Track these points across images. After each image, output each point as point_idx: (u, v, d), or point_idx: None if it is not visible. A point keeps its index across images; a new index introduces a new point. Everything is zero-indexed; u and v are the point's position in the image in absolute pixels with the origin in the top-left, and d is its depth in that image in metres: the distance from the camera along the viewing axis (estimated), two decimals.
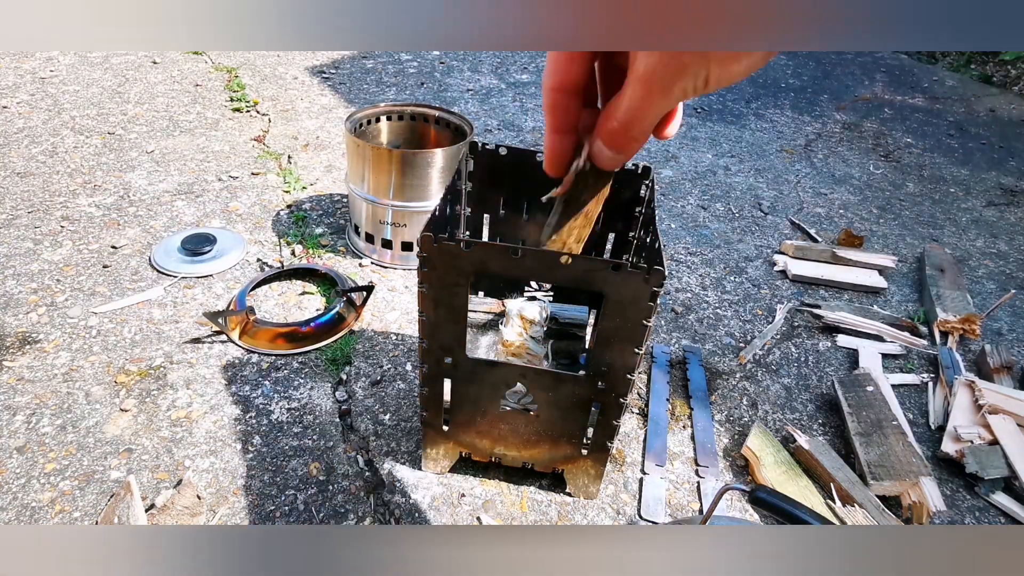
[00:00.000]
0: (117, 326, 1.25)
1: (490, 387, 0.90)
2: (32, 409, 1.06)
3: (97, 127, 1.99)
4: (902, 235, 1.88)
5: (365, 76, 2.59)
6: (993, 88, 3.24)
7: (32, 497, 0.93)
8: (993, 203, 2.13)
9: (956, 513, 1.05)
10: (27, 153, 1.81)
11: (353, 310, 1.34)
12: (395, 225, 1.47)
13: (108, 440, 1.03)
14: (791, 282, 1.61)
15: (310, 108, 2.27)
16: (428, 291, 0.80)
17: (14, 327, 1.22)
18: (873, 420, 1.13)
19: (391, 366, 1.23)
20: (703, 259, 1.67)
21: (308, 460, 1.03)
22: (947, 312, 1.47)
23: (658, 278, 0.73)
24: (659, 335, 1.39)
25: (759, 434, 1.11)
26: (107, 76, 2.34)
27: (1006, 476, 1.08)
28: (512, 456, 0.98)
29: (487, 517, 0.97)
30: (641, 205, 1.07)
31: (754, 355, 1.35)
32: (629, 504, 1.01)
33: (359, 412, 1.12)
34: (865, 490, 1.02)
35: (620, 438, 1.12)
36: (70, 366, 1.15)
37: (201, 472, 0.99)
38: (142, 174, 1.77)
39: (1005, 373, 1.32)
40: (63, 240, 1.47)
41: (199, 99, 2.25)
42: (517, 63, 2.88)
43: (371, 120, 1.57)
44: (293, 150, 1.99)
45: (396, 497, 0.98)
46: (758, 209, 1.93)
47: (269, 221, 1.63)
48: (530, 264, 0.75)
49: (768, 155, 2.28)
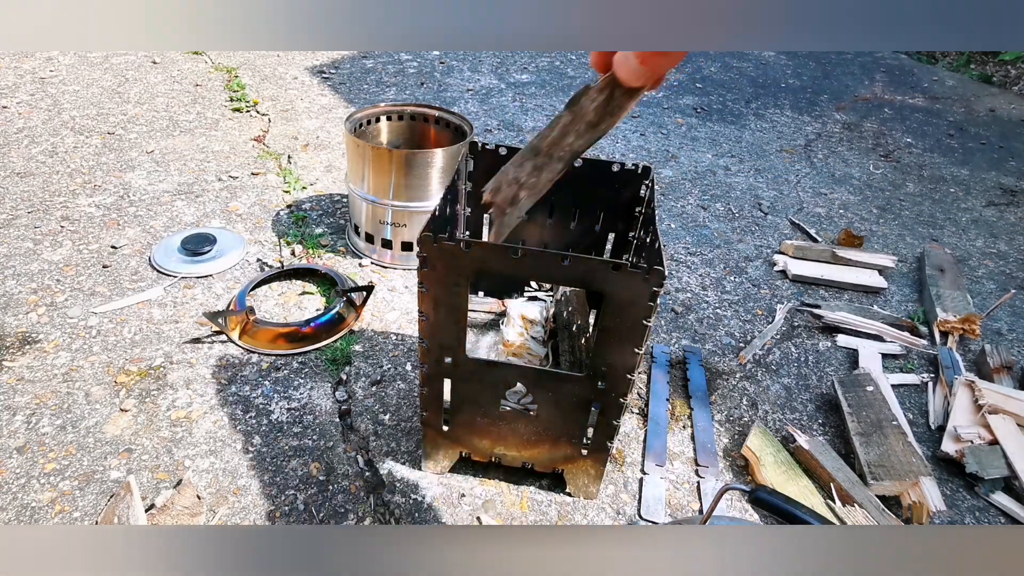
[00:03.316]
0: (117, 326, 1.25)
1: (490, 387, 0.90)
2: (32, 409, 1.06)
3: (97, 127, 1.99)
4: (902, 235, 1.88)
5: (365, 76, 2.59)
6: (993, 88, 3.24)
7: (32, 497, 0.93)
8: (993, 203, 2.13)
9: (956, 513, 1.05)
10: (27, 153, 1.81)
11: (353, 310, 1.34)
12: (395, 225, 1.47)
13: (108, 440, 1.03)
14: (791, 282, 1.61)
15: (310, 108, 2.27)
16: (428, 291, 0.80)
17: (14, 327, 1.22)
18: (873, 420, 1.13)
19: (391, 366, 1.23)
20: (703, 259, 1.67)
21: (308, 460, 1.03)
22: (947, 312, 1.47)
23: (658, 278, 0.73)
24: (659, 335, 1.39)
25: (759, 434, 1.11)
26: (107, 76, 2.34)
27: (1006, 476, 1.08)
28: (512, 456, 0.98)
29: (487, 517, 0.97)
30: (641, 205, 1.07)
31: (754, 355, 1.35)
32: (629, 504, 1.01)
33: (359, 412, 1.12)
34: (865, 490, 1.02)
35: (620, 438, 1.12)
36: (70, 366, 1.15)
37: (201, 472, 0.99)
38: (142, 174, 1.77)
39: (1005, 373, 1.32)
40: (63, 240, 1.47)
41: (199, 99, 2.25)
42: (517, 63, 2.88)
43: (371, 120, 1.57)
44: (293, 150, 1.99)
45: (396, 497, 0.98)
46: (758, 209, 1.93)
47: (269, 221, 1.63)
48: (530, 264, 0.75)
49: (768, 155, 2.28)
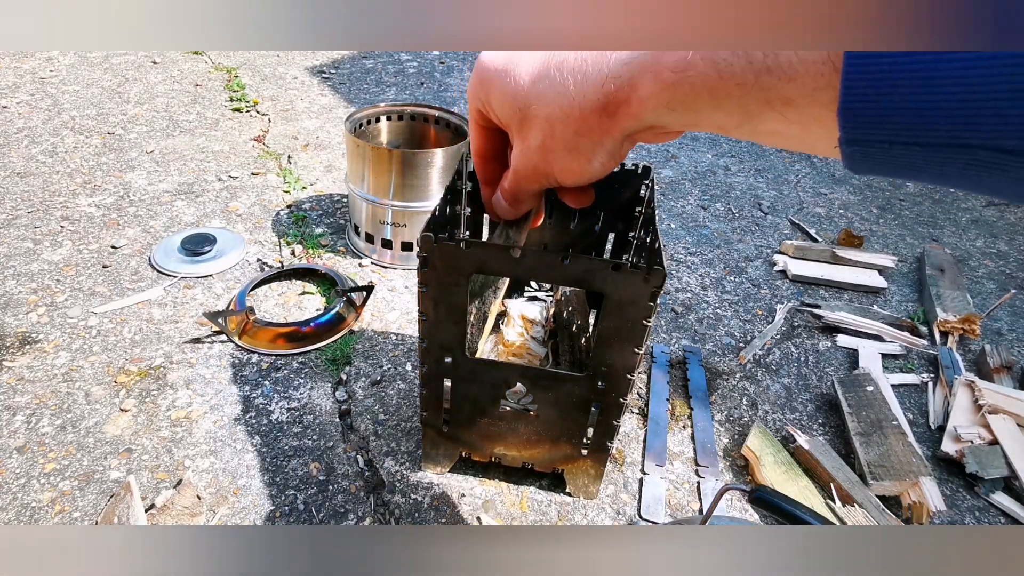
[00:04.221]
0: (117, 326, 1.25)
1: (490, 387, 0.90)
2: (32, 409, 1.06)
3: (97, 127, 1.99)
4: (902, 235, 1.88)
5: (365, 76, 2.59)
6: None
7: (32, 497, 0.93)
8: (993, 203, 2.13)
9: (956, 513, 1.05)
10: (27, 153, 1.81)
11: (353, 310, 1.34)
12: (395, 225, 1.47)
13: (108, 440, 1.03)
14: (791, 282, 1.61)
15: (310, 108, 2.27)
16: (428, 291, 0.80)
17: (14, 327, 1.22)
18: (873, 420, 1.13)
19: (391, 366, 1.23)
20: (703, 259, 1.67)
21: (308, 460, 1.03)
22: (947, 312, 1.47)
23: (658, 278, 0.73)
24: (659, 335, 1.39)
25: (759, 434, 1.11)
26: (107, 76, 2.34)
27: (1006, 476, 1.08)
28: (512, 456, 0.98)
29: (487, 517, 0.97)
30: (641, 205, 1.07)
31: (754, 355, 1.35)
32: (629, 504, 1.01)
33: (359, 412, 1.12)
34: (865, 490, 1.02)
35: (620, 438, 1.12)
36: (70, 366, 1.15)
37: (201, 472, 0.99)
38: (142, 174, 1.77)
39: (1005, 373, 1.32)
40: (63, 240, 1.47)
41: (199, 99, 2.25)
42: None
43: (371, 120, 1.57)
44: (293, 150, 1.99)
45: (396, 497, 0.98)
46: (758, 209, 1.93)
47: (269, 221, 1.63)
48: (530, 264, 0.75)
49: (768, 155, 2.28)
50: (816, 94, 0.24)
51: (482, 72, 0.39)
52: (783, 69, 0.25)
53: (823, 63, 0.24)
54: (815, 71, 0.24)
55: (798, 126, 0.26)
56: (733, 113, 0.28)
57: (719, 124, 0.29)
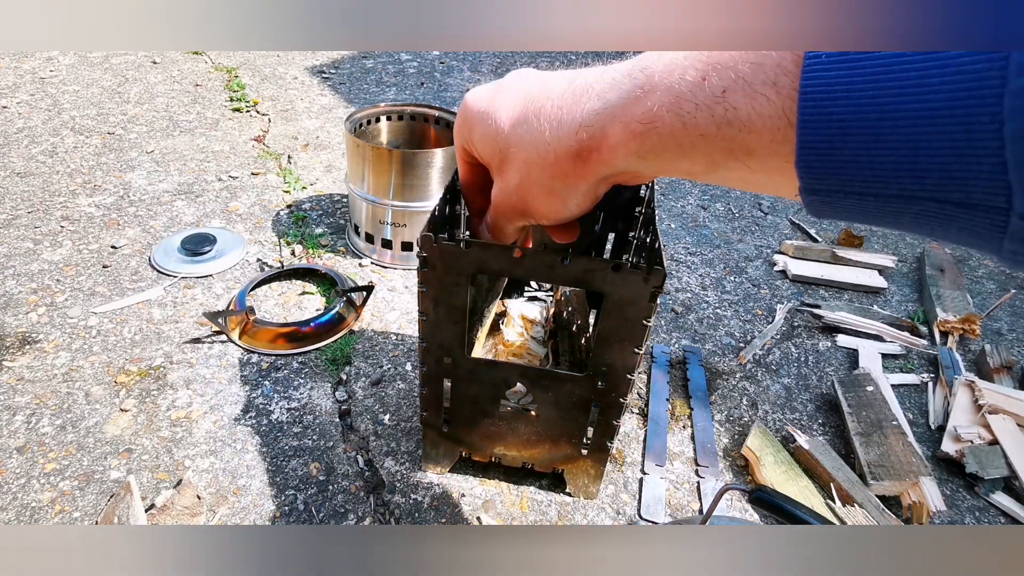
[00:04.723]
0: (117, 326, 1.25)
1: (490, 387, 0.90)
2: (32, 409, 1.06)
3: (97, 127, 1.99)
4: (902, 235, 1.88)
5: (365, 76, 2.59)
6: None
7: (32, 497, 0.93)
8: None
9: (956, 513, 1.05)
10: (27, 153, 1.81)
11: (353, 310, 1.34)
12: (395, 225, 1.47)
13: (108, 440, 1.03)
14: (791, 282, 1.61)
15: (310, 108, 2.27)
16: (428, 291, 0.80)
17: (14, 327, 1.22)
18: (873, 420, 1.13)
19: (391, 366, 1.23)
20: (703, 259, 1.67)
21: (308, 460, 1.03)
22: (947, 312, 1.47)
23: (658, 278, 0.73)
24: (659, 335, 1.39)
25: (759, 434, 1.11)
26: (107, 76, 2.34)
27: (1006, 476, 1.08)
28: (512, 456, 0.98)
29: (487, 517, 0.97)
30: (641, 205, 1.07)
31: (754, 355, 1.35)
32: (629, 504, 1.01)
33: (359, 412, 1.12)
34: (865, 490, 1.02)
35: (620, 438, 1.12)
36: (70, 366, 1.15)
37: (201, 472, 0.99)
38: (142, 174, 1.77)
39: (1005, 373, 1.32)
40: (63, 240, 1.47)
41: (199, 99, 2.25)
42: (517, 63, 2.88)
43: (371, 120, 1.57)
44: (293, 150, 1.99)
45: (396, 497, 0.98)
46: (758, 209, 1.93)
47: (269, 221, 1.63)
48: (530, 264, 0.75)
49: None
50: (774, 147, 0.25)
51: (466, 112, 0.41)
52: (742, 121, 0.26)
53: (779, 118, 0.24)
54: (771, 125, 0.25)
55: (762, 175, 0.27)
56: (699, 162, 0.29)
57: (687, 171, 0.30)
